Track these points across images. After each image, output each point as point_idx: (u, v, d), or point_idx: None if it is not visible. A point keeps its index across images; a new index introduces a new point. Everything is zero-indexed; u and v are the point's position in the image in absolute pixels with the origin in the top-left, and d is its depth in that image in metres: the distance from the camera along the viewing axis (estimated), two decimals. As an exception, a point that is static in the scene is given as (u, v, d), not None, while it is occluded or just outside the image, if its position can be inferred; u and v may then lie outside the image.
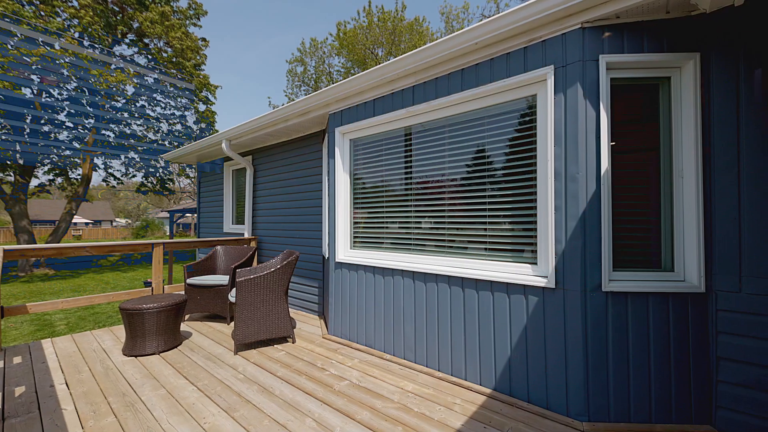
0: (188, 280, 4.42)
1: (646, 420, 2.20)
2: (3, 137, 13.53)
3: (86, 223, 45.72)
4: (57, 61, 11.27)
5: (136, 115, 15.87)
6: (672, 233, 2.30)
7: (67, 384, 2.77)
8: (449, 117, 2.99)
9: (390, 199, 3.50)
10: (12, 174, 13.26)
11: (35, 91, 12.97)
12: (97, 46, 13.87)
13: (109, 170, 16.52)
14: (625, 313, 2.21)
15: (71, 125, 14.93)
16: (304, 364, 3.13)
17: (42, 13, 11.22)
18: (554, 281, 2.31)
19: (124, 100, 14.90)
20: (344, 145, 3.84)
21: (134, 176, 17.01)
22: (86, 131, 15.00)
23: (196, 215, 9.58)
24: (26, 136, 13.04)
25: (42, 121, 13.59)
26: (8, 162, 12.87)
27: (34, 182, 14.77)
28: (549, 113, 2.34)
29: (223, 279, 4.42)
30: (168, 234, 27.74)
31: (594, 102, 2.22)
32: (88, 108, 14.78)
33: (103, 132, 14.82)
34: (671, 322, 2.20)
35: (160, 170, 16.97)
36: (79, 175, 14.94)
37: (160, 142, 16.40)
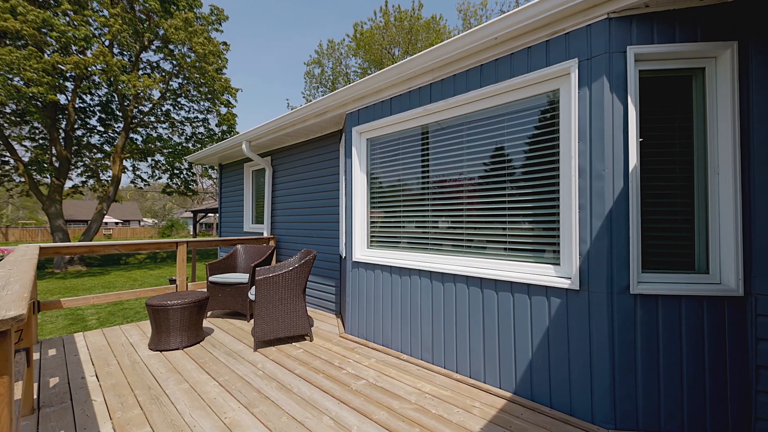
0: (210, 278, 4.54)
1: (677, 429, 2.08)
2: (40, 141, 14.35)
3: (116, 223, 47.88)
4: (89, 68, 11.82)
5: (162, 119, 16.48)
6: (707, 233, 2.17)
7: (97, 376, 2.90)
8: (467, 114, 2.94)
9: (407, 199, 3.48)
10: (48, 176, 14.02)
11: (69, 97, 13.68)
12: (126, 53, 14.49)
13: (137, 172, 17.25)
14: (655, 317, 2.11)
15: (102, 129, 15.68)
16: (322, 363, 3.15)
17: (75, 23, 11.80)
18: (578, 283, 2.22)
19: (150, 105, 15.50)
20: (361, 144, 3.85)
21: (160, 178, 17.67)
22: (116, 135, 15.71)
23: (217, 215, 9.84)
24: (61, 141, 13.76)
25: (76, 126, 14.33)
26: (45, 165, 13.63)
27: (68, 184, 15.58)
28: (573, 108, 2.25)
29: (243, 277, 4.51)
30: (191, 233, 28.67)
31: (621, 95, 2.13)
32: (117, 113, 15.47)
33: (131, 135, 15.46)
34: (706, 328, 2.08)
35: (184, 172, 17.55)
36: (109, 177, 15.63)
37: (184, 144, 16.96)
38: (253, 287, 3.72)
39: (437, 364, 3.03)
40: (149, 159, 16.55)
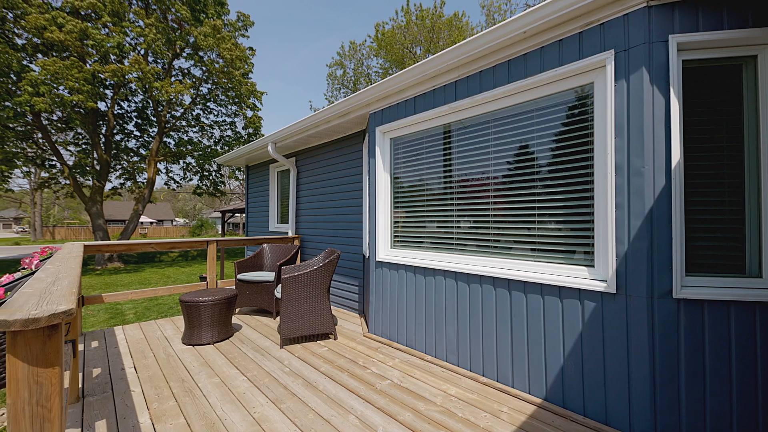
0: (238, 276, 4.68)
1: (726, 445, 1.94)
2: (83, 146, 15.32)
3: (150, 223, 50.39)
4: (126, 76, 12.49)
5: (193, 123, 17.18)
6: (759, 233, 2.01)
7: (135, 368, 3.05)
8: (494, 112, 2.87)
9: (431, 198, 3.44)
10: (90, 179, 14.94)
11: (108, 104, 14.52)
12: (159, 61, 15.21)
13: (170, 174, 18.07)
14: (700, 323, 1.97)
15: (138, 134, 16.54)
16: (346, 362, 3.17)
17: (114, 33, 12.51)
18: (615, 286, 2.11)
19: (182, 110, 16.19)
20: (384, 144, 3.84)
21: (191, 180, 18.43)
22: (151, 139, 16.53)
23: (244, 215, 10.14)
24: (102, 145, 14.64)
25: (114, 131, 15.20)
26: (87, 168, 14.53)
27: (107, 186, 16.53)
28: (609, 102, 2.15)
29: (269, 275, 4.62)
30: (220, 232, 29.70)
31: (663, 87, 2.00)
32: (152, 118, 16.28)
33: (165, 139, 16.22)
34: (758, 335, 1.92)
35: (213, 173, 18.22)
36: (145, 179, 16.46)
37: (213, 147, 17.61)
38: (279, 285, 3.80)
39: (462, 366, 2.97)
40: (181, 162, 17.29)
